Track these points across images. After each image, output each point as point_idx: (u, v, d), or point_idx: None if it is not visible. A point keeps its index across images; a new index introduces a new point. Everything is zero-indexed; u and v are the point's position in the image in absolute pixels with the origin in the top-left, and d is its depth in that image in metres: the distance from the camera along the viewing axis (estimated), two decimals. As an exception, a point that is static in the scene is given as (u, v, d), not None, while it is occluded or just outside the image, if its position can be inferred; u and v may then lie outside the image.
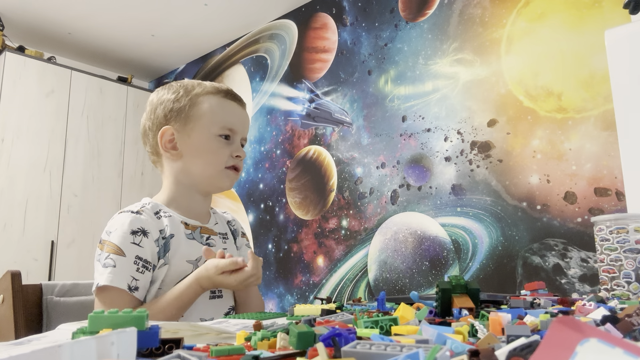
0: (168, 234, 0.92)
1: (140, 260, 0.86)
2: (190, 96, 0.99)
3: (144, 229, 0.89)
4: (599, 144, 1.74)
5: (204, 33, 3.32)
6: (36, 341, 0.44)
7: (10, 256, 2.80)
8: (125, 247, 0.86)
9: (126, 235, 0.87)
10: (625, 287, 0.81)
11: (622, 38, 1.43)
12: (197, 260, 0.94)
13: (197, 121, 0.98)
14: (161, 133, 0.98)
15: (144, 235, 0.88)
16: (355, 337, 0.35)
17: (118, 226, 0.89)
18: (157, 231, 0.91)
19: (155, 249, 0.89)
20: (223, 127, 0.99)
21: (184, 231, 0.96)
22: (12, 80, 2.96)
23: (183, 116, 0.98)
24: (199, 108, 0.99)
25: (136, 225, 0.89)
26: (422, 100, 2.30)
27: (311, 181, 2.73)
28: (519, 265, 1.88)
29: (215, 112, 0.99)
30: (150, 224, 0.90)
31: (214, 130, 0.98)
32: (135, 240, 0.87)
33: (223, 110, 1.00)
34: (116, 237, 0.87)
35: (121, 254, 0.86)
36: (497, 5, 2.08)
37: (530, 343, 0.29)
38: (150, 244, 0.89)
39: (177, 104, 0.99)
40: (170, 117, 0.99)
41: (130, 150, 3.44)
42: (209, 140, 0.98)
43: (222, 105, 1.00)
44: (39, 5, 2.96)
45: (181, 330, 0.47)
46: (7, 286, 0.93)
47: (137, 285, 0.85)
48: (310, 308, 0.61)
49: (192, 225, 0.98)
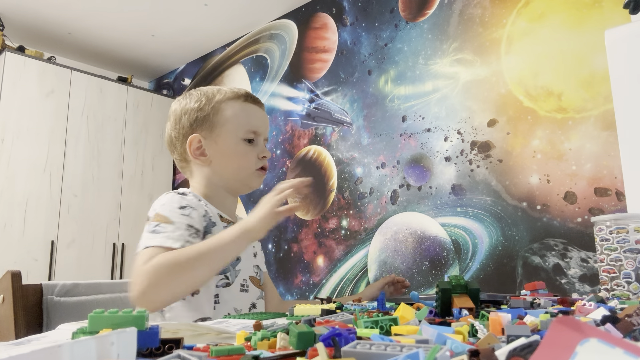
0: (211, 219, 0.97)
1: (192, 228, 0.89)
2: (212, 104, 1.03)
3: (192, 205, 0.93)
4: (599, 144, 1.74)
5: (204, 33, 3.32)
6: (36, 341, 0.44)
7: (10, 256, 2.80)
8: (175, 217, 0.89)
9: (175, 209, 0.90)
10: (625, 287, 0.81)
11: (622, 38, 1.43)
12: None
13: (223, 127, 1.02)
14: (189, 141, 1.02)
15: (192, 209, 0.92)
16: (355, 337, 0.35)
17: (166, 202, 0.92)
18: (203, 210, 0.96)
19: (203, 222, 0.93)
20: (247, 130, 1.03)
21: (221, 223, 1.00)
22: (12, 80, 2.96)
23: (208, 124, 1.02)
24: (222, 114, 1.03)
25: (183, 202, 0.93)
26: (422, 100, 2.30)
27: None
28: (519, 265, 1.88)
29: (239, 116, 1.03)
30: (197, 204, 0.95)
31: (240, 135, 1.03)
32: (185, 212, 0.91)
33: (246, 114, 1.04)
34: (166, 210, 0.90)
35: (171, 223, 0.87)
36: (497, 5, 2.08)
37: (530, 343, 0.29)
38: (199, 217, 0.93)
39: (201, 113, 1.03)
40: (196, 125, 1.03)
41: (130, 150, 3.44)
42: (236, 145, 1.03)
43: (244, 110, 1.05)
44: (39, 5, 2.96)
45: (181, 330, 0.47)
46: (7, 286, 0.93)
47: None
48: (310, 308, 0.61)
49: (226, 219, 1.03)
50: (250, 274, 1.04)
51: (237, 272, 0.99)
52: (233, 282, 0.98)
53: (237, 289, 0.99)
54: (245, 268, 1.02)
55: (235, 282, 0.98)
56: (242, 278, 1.00)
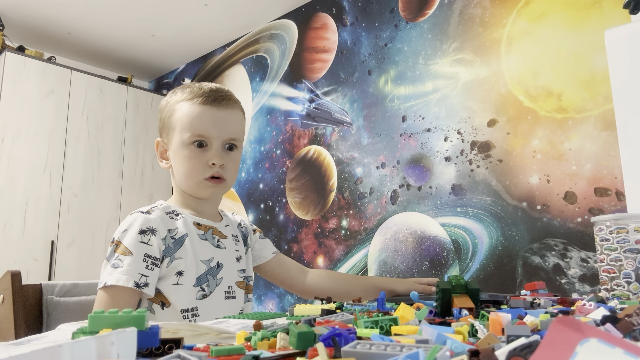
0: (179, 234, 0.94)
1: (149, 258, 0.89)
2: (170, 104, 1.00)
3: (152, 227, 0.91)
4: (599, 144, 1.74)
5: (204, 33, 3.32)
6: (36, 341, 0.44)
7: (10, 256, 2.80)
8: (133, 247, 0.88)
9: (135, 235, 0.90)
10: (625, 287, 0.81)
11: (622, 38, 1.43)
12: (209, 261, 0.97)
13: (173, 130, 0.98)
14: (155, 144, 1.03)
15: (152, 233, 0.91)
16: (355, 337, 0.35)
17: (128, 227, 0.91)
18: (166, 230, 0.93)
19: (162, 247, 0.92)
20: (193, 134, 0.95)
21: (197, 232, 0.98)
22: (12, 80, 2.96)
23: (166, 128, 1.00)
24: (174, 116, 0.98)
25: (145, 225, 0.91)
26: (422, 100, 2.30)
27: (311, 181, 2.73)
28: (519, 265, 1.88)
29: (187, 120, 0.96)
30: (159, 223, 0.93)
31: (185, 139, 0.95)
32: (144, 239, 0.90)
33: (196, 117, 0.95)
34: (126, 238, 0.90)
35: (129, 254, 0.88)
36: (497, 5, 2.08)
37: (530, 343, 0.29)
38: (158, 242, 0.91)
39: (163, 114, 1.02)
40: (161, 127, 1.03)
41: (130, 150, 3.44)
42: (183, 148, 0.96)
43: (194, 111, 0.96)
44: (39, 5, 2.96)
45: (181, 330, 0.47)
46: (7, 286, 0.93)
47: (146, 281, 0.87)
48: (310, 308, 0.61)
49: (205, 225, 1.01)
50: (235, 279, 1.01)
51: (218, 280, 0.97)
52: (212, 291, 0.95)
53: (221, 298, 0.96)
54: (229, 274, 0.99)
55: (216, 291, 0.96)
56: (226, 285, 0.98)
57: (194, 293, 0.93)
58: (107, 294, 0.86)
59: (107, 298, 0.86)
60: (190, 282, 0.92)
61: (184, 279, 0.92)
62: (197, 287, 0.93)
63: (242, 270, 1.05)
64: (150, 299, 0.90)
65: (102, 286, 0.86)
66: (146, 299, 0.90)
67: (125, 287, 0.85)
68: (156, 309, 0.90)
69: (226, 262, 1.00)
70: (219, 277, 0.97)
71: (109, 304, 0.85)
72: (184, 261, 0.92)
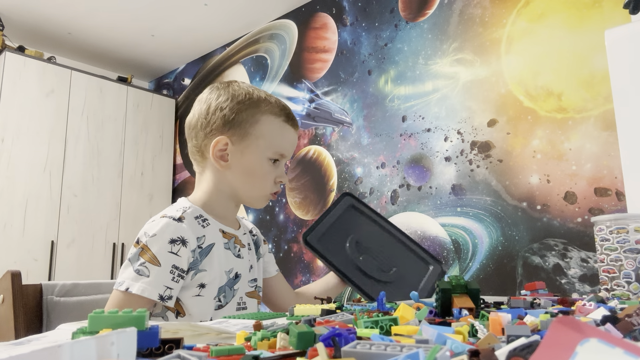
0: (207, 243, 0.92)
1: (176, 270, 0.85)
2: (254, 112, 0.97)
3: (183, 238, 0.87)
4: (599, 144, 1.74)
5: (204, 33, 3.32)
6: (36, 341, 0.44)
7: (10, 256, 2.80)
8: (162, 256, 0.85)
9: (165, 244, 0.86)
10: (625, 287, 0.81)
11: (622, 38, 1.43)
12: (229, 272, 0.95)
13: (255, 140, 0.96)
14: (216, 141, 0.95)
15: (183, 244, 0.87)
16: (355, 337, 0.35)
17: (158, 232, 0.87)
18: (195, 239, 0.90)
19: (190, 259, 0.88)
20: (276, 152, 0.98)
21: (222, 240, 0.96)
22: (12, 80, 2.96)
23: (242, 131, 0.96)
24: (259, 127, 0.97)
25: (176, 234, 0.87)
26: (422, 100, 2.30)
27: (311, 181, 2.73)
28: (519, 265, 1.88)
29: (273, 136, 0.98)
30: (190, 234, 0.89)
31: (268, 154, 0.97)
32: (174, 249, 0.86)
33: (281, 136, 0.99)
34: (155, 245, 0.86)
35: (157, 264, 0.84)
36: (497, 5, 2.08)
37: (530, 343, 0.29)
38: (188, 253, 0.87)
39: (238, 116, 0.96)
40: (229, 127, 0.96)
41: (130, 150, 3.44)
42: (261, 163, 0.97)
43: (281, 131, 0.99)
44: (39, 5, 2.96)
45: (181, 330, 0.47)
46: (7, 286, 0.93)
47: (170, 294, 0.85)
48: (310, 308, 0.61)
49: (229, 234, 0.98)
50: (246, 290, 1.00)
51: (234, 291, 0.95)
52: (228, 302, 0.93)
53: (234, 309, 0.95)
54: (243, 285, 0.98)
55: (231, 302, 0.94)
56: (239, 297, 0.96)
57: (213, 304, 0.91)
58: (125, 298, 0.83)
59: (124, 302, 0.83)
60: (211, 294, 0.91)
61: (206, 291, 0.90)
62: (216, 298, 0.92)
63: (254, 280, 1.03)
64: (166, 306, 0.88)
65: (124, 290, 0.83)
66: (161, 306, 0.88)
67: (148, 298, 0.82)
68: (170, 316, 0.88)
69: (243, 273, 0.98)
70: (235, 287, 0.96)
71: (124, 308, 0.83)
72: (208, 273, 0.90)
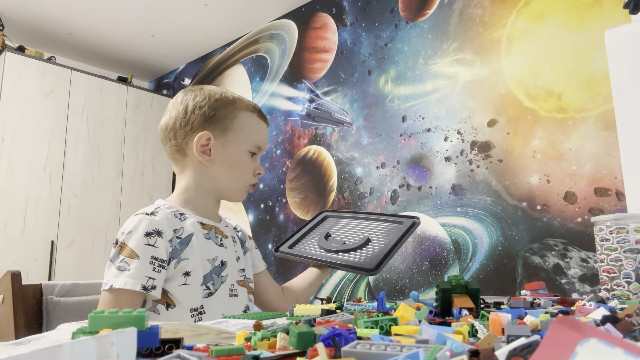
0: (185, 233, 0.96)
1: (156, 260, 0.89)
2: (232, 108, 1.04)
3: (158, 229, 0.92)
4: (599, 144, 1.74)
5: (204, 33, 3.32)
6: (36, 341, 0.44)
7: (10, 256, 2.80)
8: (139, 249, 0.89)
9: (140, 237, 0.90)
10: (625, 287, 0.81)
11: (622, 38, 1.43)
12: (214, 260, 0.98)
13: (236, 134, 1.03)
14: (199, 137, 1.00)
15: (158, 235, 0.91)
16: (355, 337, 0.35)
17: (132, 228, 0.91)
18: (172, 231, 0.94)
19: (169, 248, 0.92)
20: (255, 145, 1.06)
21: (202, 231, 0.99)
22: (12, 80, 2.96)
23: (222, 126, 1.03)
24: (237, 122, 1.04)
25: (151, 227, 0.91)
26: (422, 100, 2.30)
27: (311, 181, 2.73)
28: (519, 265, 1.88)
29: (251, 130, 1.06)
30: (164, 225, 0.93)
31: (247, 147, 1.05)
32: (150, 241, 0.90)
33: (258, 130, 1.07)
34: (131, 240, 0.90)
35: (135, 257, 0.88)
36: (497, 5, 2.08)
37: (530, 343, 0.29)
38: (165, 243, 0.91)
39: (219, 112, 1.03)
40: (210, 123, 1.02)
41: (130, 150, 3.44)
42: (242, 155, 1.04)
43: (257, 125, 1.07)
44: (39, 5, 2.96)
45: (181, 330, 0.47)
46: (7, 286, 0.93)
47: (154, 284, 0.88)
48: (310, 308, 0.61)
49: (208, 225, 1.02)
50: (237, 278, 1.03)
51: (223, 278, 0.99)
52: (218, 289, 0.97)
53: (226, 295, 0.98)
54: (232, 273, 1.01)
55: (221, 289, 0.97)
56: (229, 283, 1.00)
57: (200, 292, 0.94)
58: (112, 296, 0.86)
59: (112, 300, 0.86)
60: (197, 282, 0.93)
61: (191, 279, 0.93)
62: (203, 285, 0.94)
63: (242, 270, 1.06)
64: (155, 300, 0.91)
65: (108, 288, 0.86)
66: (151, 300, 0.91)
67: (132, 290, 0.85)
68: (161, 309, 0.91)
69: (229, 261, 1.02)
70: (223, 274, 0.99)
71: (113, 306, 0.85)
72: (191, 261, 0.93)
